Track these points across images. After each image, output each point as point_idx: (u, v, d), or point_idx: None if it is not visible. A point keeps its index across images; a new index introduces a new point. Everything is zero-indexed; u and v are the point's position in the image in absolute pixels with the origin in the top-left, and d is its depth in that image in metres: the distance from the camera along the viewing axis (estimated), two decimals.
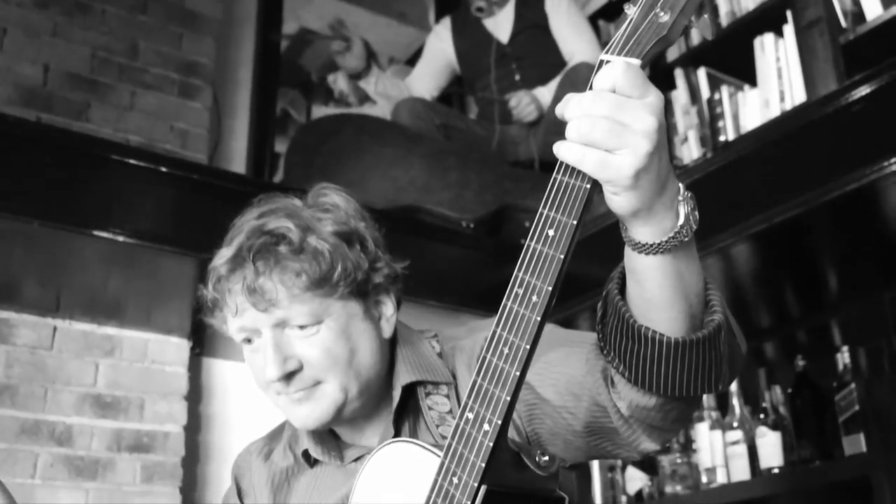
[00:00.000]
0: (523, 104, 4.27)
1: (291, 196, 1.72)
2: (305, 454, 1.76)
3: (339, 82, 4.84)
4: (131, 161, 3.05)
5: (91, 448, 3.41)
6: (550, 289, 1.19)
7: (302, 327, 1.61)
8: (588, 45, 4.31)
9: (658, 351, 1.23)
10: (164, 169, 3.09)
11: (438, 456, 1.32)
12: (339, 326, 1.63)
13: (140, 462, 3.48)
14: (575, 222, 1.18)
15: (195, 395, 3.77)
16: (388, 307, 1.72)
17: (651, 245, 1.19)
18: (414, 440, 1.45)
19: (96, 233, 2.94)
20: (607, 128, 1.10)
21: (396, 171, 3.84)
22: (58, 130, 3.21)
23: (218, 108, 3.99)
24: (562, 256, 1.19)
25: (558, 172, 1.20)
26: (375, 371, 1.67)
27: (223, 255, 1.65)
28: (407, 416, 1.67)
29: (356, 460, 1.70)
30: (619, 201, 1.16)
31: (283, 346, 1.62)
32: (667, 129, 1.14)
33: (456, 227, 3.70)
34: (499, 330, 1.24)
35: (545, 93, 4.29)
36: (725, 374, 1.29)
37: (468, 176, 3.92)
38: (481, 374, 1.26)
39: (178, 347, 3.69)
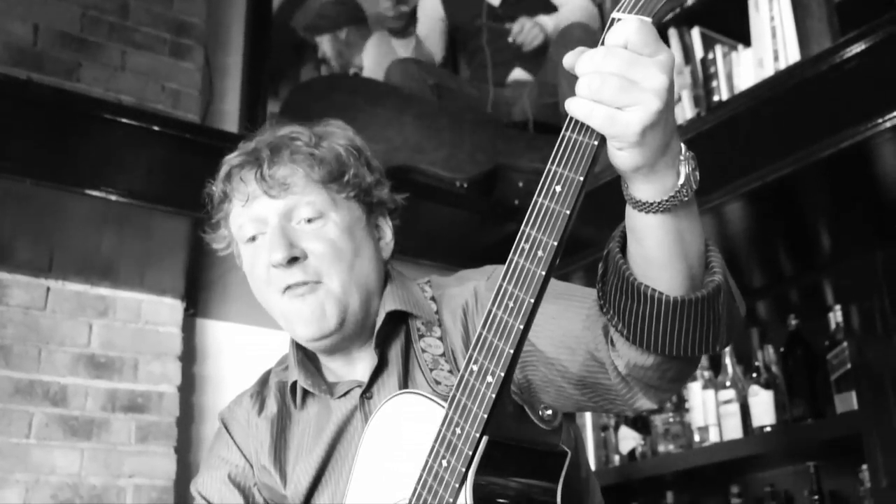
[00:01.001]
0: (527, 29, 4.24)
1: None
2: (293, 389, 1.79)
3: (324, 45, 4.80)
4: (123, 120, 3.04)
5: (85, 408, 3.42)
6: (556, 244, 1.20)
7: (309, 221, 1.68)
8: None
9: (656, 309, 1.24)
10: (156, 128, 3.09)
11: (444, 408, 1.34)
12: (344, 224, 1.70)
13: (135, 422, 3.50)
14: (582, 178, 1.18)
15: (189, 356, 3.78)
16: (386, 232, 1.80)
17: (651, 203, 1.20)
18: (421, 392, 1.47)
19: (89, 192, 2.93)
20: (617, 85, 1.10)
21: (389, 131, 3.84)
22: (49, 89, 3.19)
23: (210, 68, 3.96)
24: (568, 212, 1.19)
25: (567, 129, 1.20)
26: (374, 285, 1.73)
27: (237, 151, 1.75)
28: (394, 347, 1.72)
29: (345, 394, 1.74)
30: (622, 157, 1.16)
31: (289, 234, 1.67)
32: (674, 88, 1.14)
33: (449, 187, 3.70)
34: (504, 284, 1.25)
35: (548, 21, 4.26)
36: (723, 335, 1.30)
37: (461, 136, 3.92)
38: (486, 326, 1.28)
39: (171, 308, 3.69)
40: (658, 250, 1.23)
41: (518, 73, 4.52)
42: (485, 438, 1.28)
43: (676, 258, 1.24)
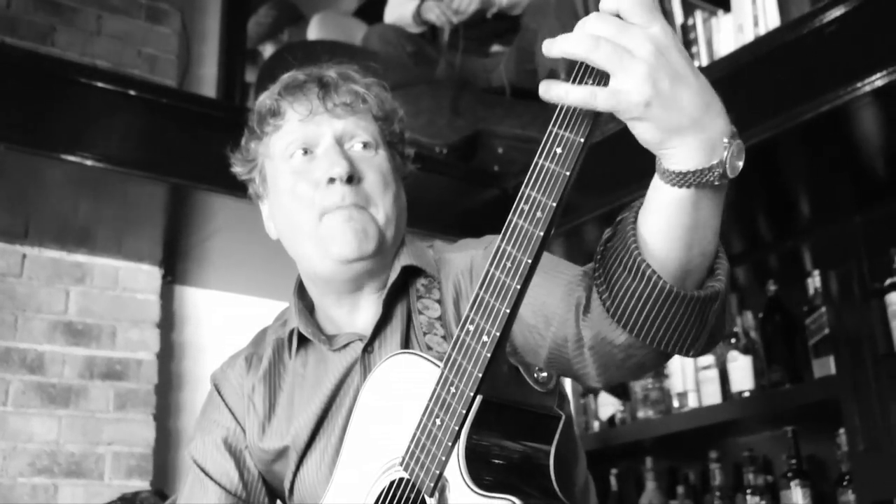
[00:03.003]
0: None
1: None
2: (290, 338, 1.80)
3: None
4: (99, 84, 3.00)
5: (63, 375, 3.41)
6: (555, 205, 1.20)
7: (364, 146, 1.72)
8: None
9: (648, 291, 1.22)
10: (132, 92, 3.05)
11: (440, 368, 1.35)
12: (389, 163, 1.75)
13: (113, 389, 3.48)
14: (582, 140, 1.19)
15: (167, 323, 3.76)
16: (403, 191, 1.82)
17: (674, 174, 1.18)
18: (418, 352, 1.47)
19: (64, 157, 2.89)
20: (610, 50, 1.11)
21: None
22: (23, 52, 3.15)
23: (187, 33, 3.93)
24: (567, 173, 1.20)
25: None
26: (401, 231, 1.76)
27: (295, 73, 1.77)
28: (399, 304, 1.73)
29: (344, 347, 1.74)
30: (636, 130, 1.16)
31: (346, 154, 1.70)
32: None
33: (429, 153, 3.68)
34: (503, 244, 1.26)
35: None
36: (701, 343, 1.29)
37: (441, 102, 3.90)
38: (483, 287, 1.28)
39: (149, 275, 3.67)
40: (666, 227, 1.21)
41: (498, 48, 4.50)
42: (478, 398, 1.29)
43: (681, 244, 1.22)
